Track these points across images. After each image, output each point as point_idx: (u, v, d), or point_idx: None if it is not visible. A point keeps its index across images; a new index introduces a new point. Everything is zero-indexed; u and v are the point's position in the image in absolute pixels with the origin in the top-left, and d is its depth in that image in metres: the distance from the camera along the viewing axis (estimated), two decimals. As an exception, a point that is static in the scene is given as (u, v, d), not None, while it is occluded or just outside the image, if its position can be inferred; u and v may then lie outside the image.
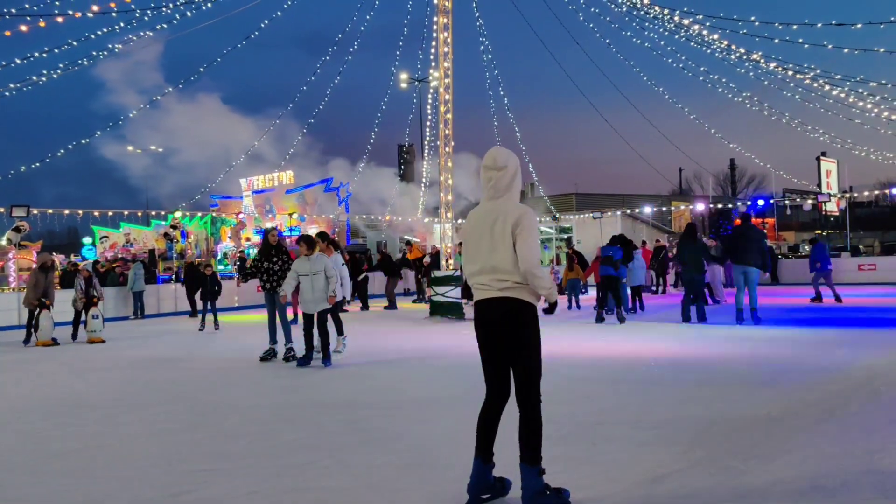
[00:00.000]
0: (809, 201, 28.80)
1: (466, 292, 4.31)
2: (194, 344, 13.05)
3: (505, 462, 4.13)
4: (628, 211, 32.62)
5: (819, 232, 39.89)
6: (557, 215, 32.74)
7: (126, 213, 25.10)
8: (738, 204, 33.07)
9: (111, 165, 31.20)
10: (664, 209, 36.68)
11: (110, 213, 23.34)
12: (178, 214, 25.57)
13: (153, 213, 28.29)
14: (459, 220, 31.47)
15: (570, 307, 17.60)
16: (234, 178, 35.82)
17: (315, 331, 9.53)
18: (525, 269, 3.83)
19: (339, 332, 10.29)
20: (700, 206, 33.72)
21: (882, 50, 17.78)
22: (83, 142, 22.49)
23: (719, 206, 33.11)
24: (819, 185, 37.98)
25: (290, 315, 11.23)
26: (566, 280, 17.79)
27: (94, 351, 12.46)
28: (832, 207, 39.42)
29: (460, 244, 22.81)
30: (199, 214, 28.81)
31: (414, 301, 22.72)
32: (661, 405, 6.41)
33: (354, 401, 7.13)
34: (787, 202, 31.10)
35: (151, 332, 15.72)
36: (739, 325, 12.30)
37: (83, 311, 13.92)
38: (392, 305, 19.94)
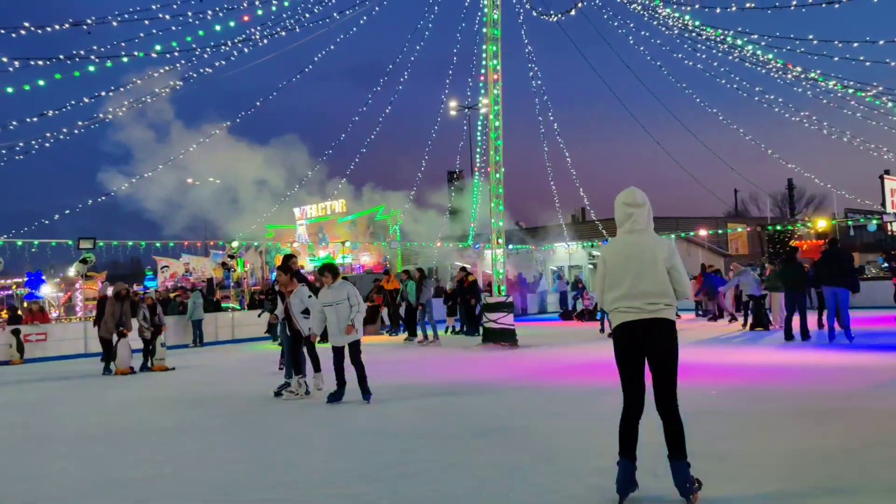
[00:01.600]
0: (874, 221, 27.74)
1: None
2: (251, 372, 13.24)
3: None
4: (683, 234, 31.98)
5: (884, 253, 38.34)
6: (610, 240, 32.34)
7: (186, 243, 25.77)
8: (799, 225, 32.11)
9: (169, 197, 32.18)
10: (720, 231, 35.86)
11: (171, 245, 24.03)
12: (234, 244, 26.17)
13: (212, 243, 29.01)
14: (510, 246, 31.40)
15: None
16: (287, 208, 36.55)
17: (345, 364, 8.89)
18: (686, 295, 4.62)
19: (315, 368, 9.62)
20: (822, 226, 31.60)
21: (948, 65, 17.09)
22: (146, 175, 23.30)
23: (777, 227, 32.12)
24: (883, 205, 36.58)
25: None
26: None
27: (159, 379, 12.76)
28: (899, 227, 37.89)
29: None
30: (256, 244, 29.42)
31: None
32: (724, 436, 6.20)
33: (408, 431, 7.10)
34: (849, 223, 30.05)
35: (210, 360, 16.04)
36: (831, 344, 12.84)
37: (151, 340, 14.27)
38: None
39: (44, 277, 24.39)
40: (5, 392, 11.90)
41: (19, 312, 19.48)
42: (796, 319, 14.06)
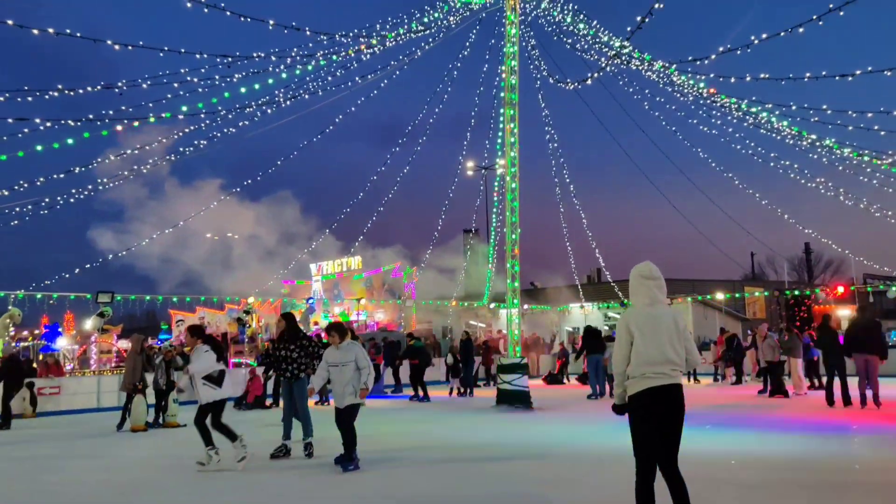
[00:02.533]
0: (893, 288, 27.46)
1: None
2: (262, 431, 13.12)
3: None
4: (700, 297, 31.79)
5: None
6: (626, 301, 32.17)
7: (202, 298, 25.97)
8: (818, 291, 31.85)
9: (188, 253, 32.60)
10: (737, 295, 35.60)
11: (188, 299, 24.21)
12: (251, 300, 26.29)
13: (228, 298, 29.16)
14: (526, 306, 31.29)
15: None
16: (304, 263, 36.81)
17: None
18: (698, 362, 5.15)
19: (231, 437, 8.82)
20: (841, 291, 31.09)
21: (963, 135, 17.11)
22: (167, 231, 23.66)
23: (795, 292, 31.85)
24: (903, 271, 36.23)
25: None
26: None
27: (171, 436, 12.71)
28: (919, 294, 37.41)
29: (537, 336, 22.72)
30: (272, 300, 29.55)
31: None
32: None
33: (422, 494, 7.00)
34: (869, 289, 29.77)
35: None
36: (862, 409, 13.22)
37: (164, 395, 14.22)
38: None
39: (60, 330, 24.50)
40: (17, 447, 11.87)
41: (34, 365, 19.54)
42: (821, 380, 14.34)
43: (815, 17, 11.15)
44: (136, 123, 14.20)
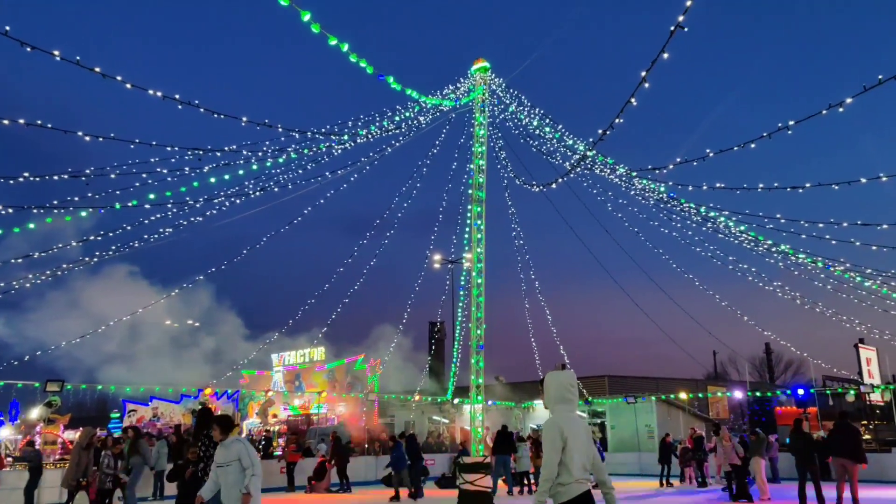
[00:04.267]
0: (852, 392, 27.80)
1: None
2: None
3: None
4: (663, 396, 31.74)
5: (865, 423, 38.08)
6: (591, 399, 31.99)
7: (157, 388, 25.15)
8: (779, 392, 32.07)
9: (143, 342, 31.90)
10: (700, 395, 35.63)
11: (142, 389, 23.43)
12: (207, 391, 25.56)
13: (183, 388, 28.30)
14: (490, 402, 30.87)
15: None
16: (266, 353, 36.14)
17: None
18: (602, 468, 5.20)
19: None
20: (738, 394, 32.62)
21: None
22: (128, 316, 23.13)
23: (757, 393, 32.03)
24: (860, 374, 36.88)
25: None
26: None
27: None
28: (877, 397, 37.93)
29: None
30: (230, 390, 28.74)
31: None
32: None
33: None
34: (828, 392, 30.07)
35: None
36: None
37: (111, 492, 13.47)
38: None
39: (2, 419, 23.39)
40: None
41: (-27, 457, 18.52)
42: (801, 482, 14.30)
43: (765, 133, 11.77)
44: (101, 210, 14.13)
